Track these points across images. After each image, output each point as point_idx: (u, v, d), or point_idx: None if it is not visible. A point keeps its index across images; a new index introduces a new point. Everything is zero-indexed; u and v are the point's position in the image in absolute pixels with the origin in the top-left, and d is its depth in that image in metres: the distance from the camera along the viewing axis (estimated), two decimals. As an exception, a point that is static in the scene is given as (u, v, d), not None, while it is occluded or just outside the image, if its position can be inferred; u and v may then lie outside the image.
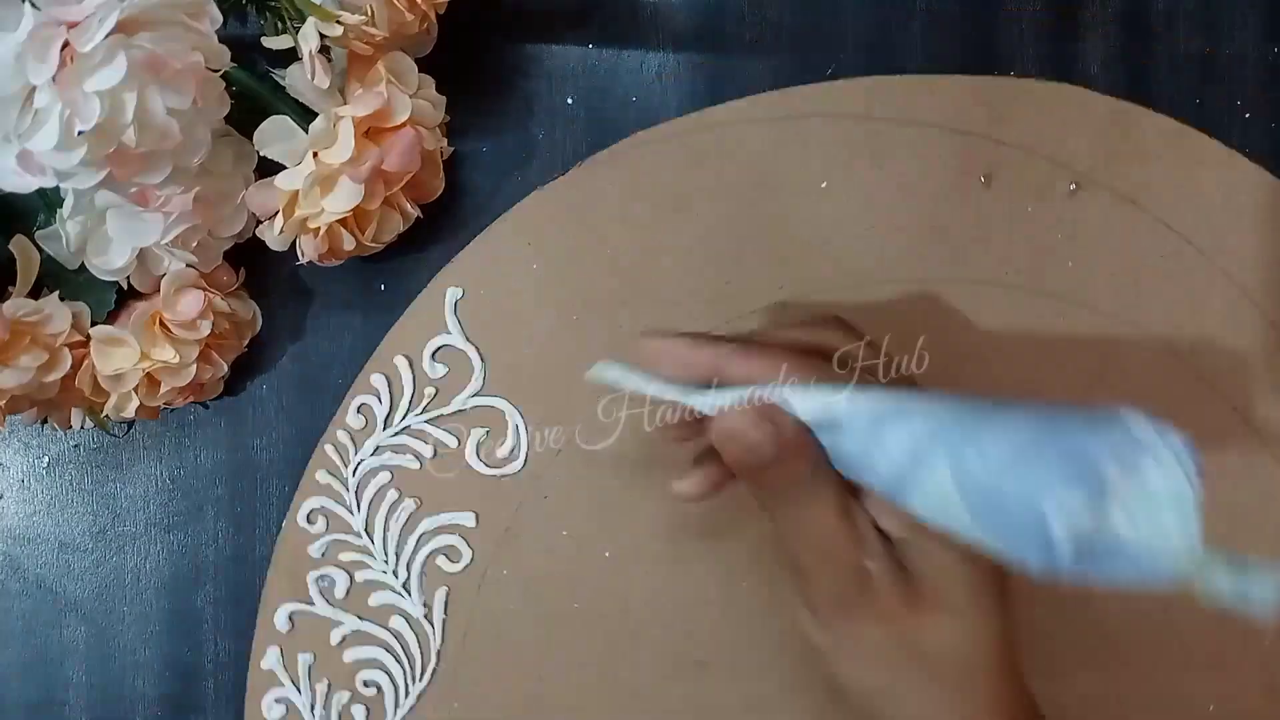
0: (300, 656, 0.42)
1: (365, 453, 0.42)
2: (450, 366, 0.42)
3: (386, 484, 0.42)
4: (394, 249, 0.41)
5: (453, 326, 0.42)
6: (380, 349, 0.42)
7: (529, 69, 0.43)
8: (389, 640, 0.42)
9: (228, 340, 0.40)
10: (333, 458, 0.42)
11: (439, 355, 0.42)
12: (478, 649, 0.42)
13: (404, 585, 0.42)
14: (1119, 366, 0.41)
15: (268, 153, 0.37)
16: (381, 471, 0.42)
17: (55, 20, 0.30)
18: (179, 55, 0.32)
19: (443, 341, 0.42)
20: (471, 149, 0.43)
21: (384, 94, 0.36)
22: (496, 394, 0.42)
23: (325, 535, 0.42)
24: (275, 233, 0.37)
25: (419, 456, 0.42)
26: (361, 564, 0.42)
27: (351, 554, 0.42)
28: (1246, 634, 0.41)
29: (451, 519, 0.42)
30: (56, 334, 0.37)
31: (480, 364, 0.42)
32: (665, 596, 0.42)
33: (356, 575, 0.42)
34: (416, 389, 0.42)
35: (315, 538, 0.42)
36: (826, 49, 0.43)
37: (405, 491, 0.42)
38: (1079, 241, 0.41)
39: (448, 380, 0.42)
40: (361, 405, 0.42)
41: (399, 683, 0.41)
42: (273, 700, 0.42)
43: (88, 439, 0.44)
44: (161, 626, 0.43)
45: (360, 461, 0.42)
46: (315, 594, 0.42)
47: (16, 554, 0.44)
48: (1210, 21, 0.43)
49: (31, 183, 0.31)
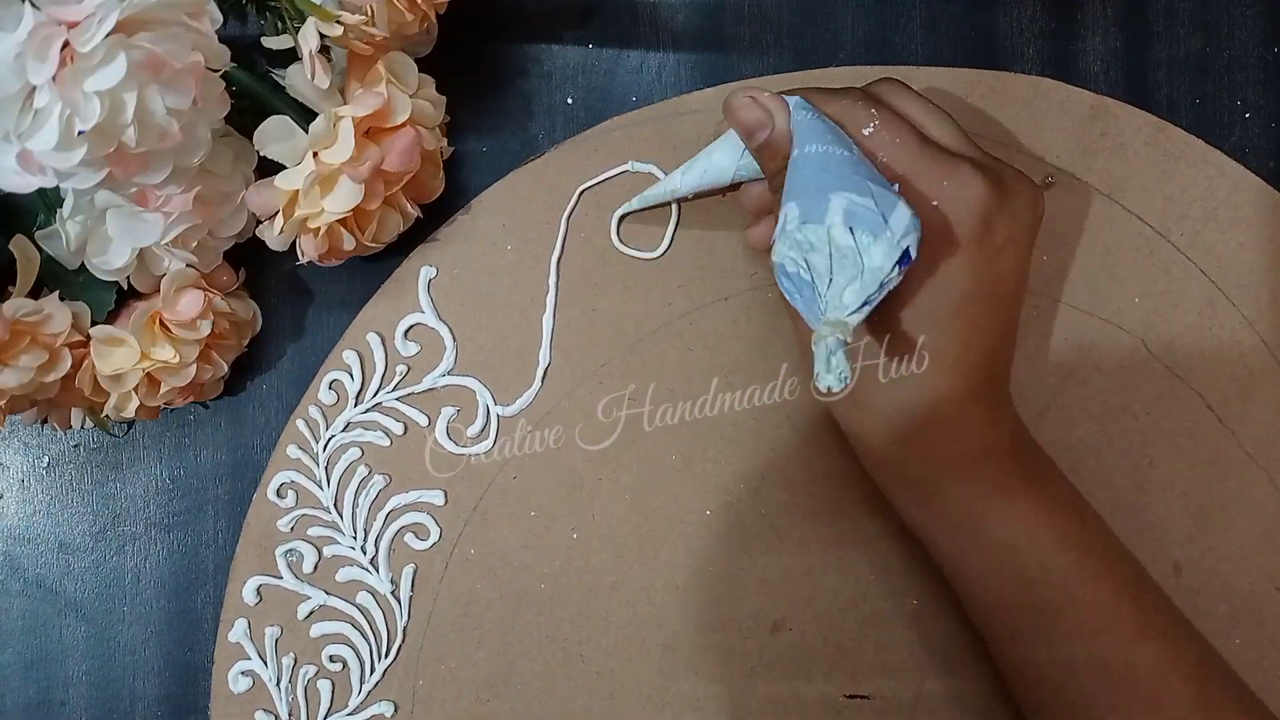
0: (267, 630, 0.42)
1: (336, 429, 0.42)
2: (422, 345, 0.42)
3: (356, 460, 0.42)
4: (394, 249, 0.41)
5: (425, 305, 0.42)
6: (353, 326, 0.42)
7: (529, 69, 0.43)
8: (355, 616, 0.42)
9: (228, 340, 0.40)
10: (304, 433, 0.42)
11: (411, 333, 0.42)
12: (444, 627, 0.42)
13: (371, 562, 0.42)
14: (1092, 361, 0.41)
15: (268, 153, 0.37)
16: (352, 448, 0.42)
17: (55, 20, 0.30)
18: (179, 55, 0.31)
19: (415, 320, 0.42)
20: (471, 149, 0.43)
21: (384, 94, 0.36)
22: (468, 373, 0.42)
23: (294, 510, 0.42)
24: (275, 233, 0.37)
25: (389, 433, 0.42)
26: (330, 539, 0.42)
27: (320, 529, 0.42)
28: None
29: (420, 497, 0.42)
30: (56, 334, 0.37)
31: (452, 343, 0.42)
32: (632, 579, 0.42)
33: (325, 550, 0.42)
34: (389, 366, 0.42)
35: (284, 512, 0.42)
36: (826, 48, 0.43)
37: (375, 468, 0.42)
38: (1054, 235, 0.41)
39: (419, 358, 0.42)
40: (334, 381, 0.42)
41: (365, 658, 0.42)
42: (239, 672, 0.42)
43: (88, 439, 0.44)
44: (161, 626, 0.43)
45: (331, 437, 0.42)
46: (283, 568, 0.42)
47: (16, 554, 0.44)
48: (1210, 21, 0.43)
49: (31, 183, 0.31)
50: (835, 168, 0.33)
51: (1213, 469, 0.41)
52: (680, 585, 0.42)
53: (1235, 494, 0.41)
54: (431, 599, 0.42)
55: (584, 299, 0.42)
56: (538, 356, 0.42)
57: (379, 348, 0.42)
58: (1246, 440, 0.41)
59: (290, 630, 0.42)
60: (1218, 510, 0.41)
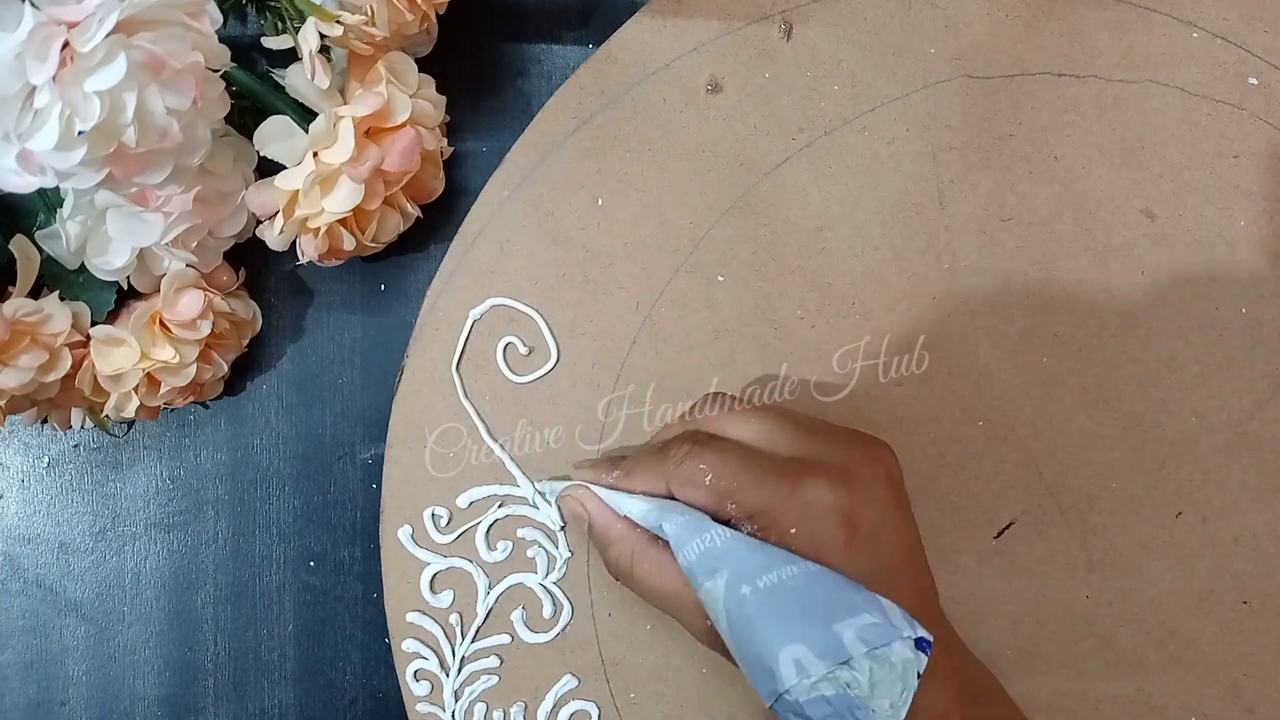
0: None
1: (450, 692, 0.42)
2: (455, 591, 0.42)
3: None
4: (394, 249, 0.41)
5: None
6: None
7: (529, 69, 0.43)
8: None
9: (228, 340, 0.40)
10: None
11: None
12: None
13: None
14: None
15: (268, 153, 0.37)
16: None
17: (55, 20, 0.30)
18: (179, 55, 0.31)
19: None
20: (471, 149, 0.43)
21: (384, 94, 0.36)
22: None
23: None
24: (275, 233, 0.37)
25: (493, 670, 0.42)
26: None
27: None
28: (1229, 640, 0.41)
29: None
30: (56, 334, 0.37)
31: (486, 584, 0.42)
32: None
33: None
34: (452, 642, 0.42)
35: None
36: (826, 49, 0.43)
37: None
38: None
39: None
40: (418, 671, 0.42)
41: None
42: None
43: (88, 439, 0.44)
44: (161, 626, 0.43)
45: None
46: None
47: (16, 554, 0.44)
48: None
49: (31, 183, 0.31)
50: (786, 602, 0.32)
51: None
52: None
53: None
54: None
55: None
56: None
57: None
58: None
59: None
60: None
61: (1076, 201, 0.42)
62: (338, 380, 0.43)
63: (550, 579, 0.42)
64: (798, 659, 0.31)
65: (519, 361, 0.42)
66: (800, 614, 0.32)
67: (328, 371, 0.43)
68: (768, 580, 0.33)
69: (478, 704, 0.42)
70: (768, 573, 0.33)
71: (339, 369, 0.43)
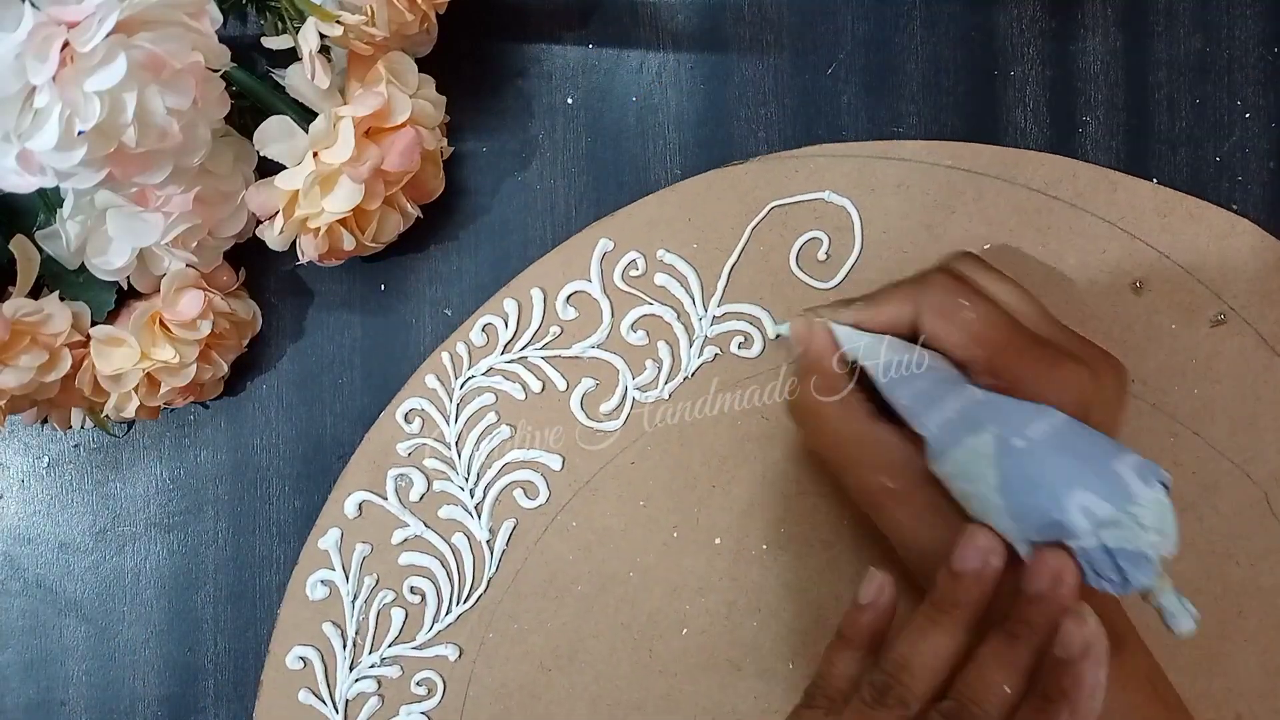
0: (358, 546, 0.42)
1: (478, 370, 0.42)
2: (581, 312, 0.42)
3: (489, 405, 0.42)
4: (394, 249, 0.41)
5: (595, 275, 0.42)
6: (521, 276, 0.43)
7: (529, 69, 0.43)
8: (446, 554, 0.42)
9: (228, 340, 0.40)
10: (446, 366, 0.42)
11: (574, 299, 0.42)
12: (527, 588, 0.42)
13: (476, 507, 0.42)
14: (1212, 502, 0.41)
15: (268, 153, 0.37)
16: (487, 393, 0.42)
17: (55, 20, 0.30)
18: (179, 55, 0.31)
19: (581, 287, 0.42)
20: (471, 149, 0.43)
21: (384, 94, 0.36)
22: (616, 351, 0.42)
23: (417, 438, 0.42)
24: (275, 233, 0.37)
25: (526, 388, 0.42)
26: (442, 474, 0.42)
27: (436, 462, 0.42)
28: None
29: (539, 457, 0.42)
30: (56, 334, 0.37)
31: (609, 318, 0.42)
32: (717, 590, 0.42)
33: (435, 484, 0.42)
34: (544, 324, 0.42)
35: (407, 437, 0.42)
36: (826, 48, 0.43)
37: (503, 418, 0.42)
38: (1209, 371, 0.41)
39: (575, 324, 0.42)
40: (487, 325, 0.42)
41: (444, 597, 0.42)
42: (319, 580, 0.42)
43: (88, 439, 0.44)
44: (161, 626, 0.43)
45: (470, 377, 0.42)
46: (391, 491, 0.42)
47: (16, 554, 0.44)
48: (1210, 21, 0.43)
49: (31, 183, 0.31)
50: (1062, 450, 0.32)
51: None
52: (763, 609, 0.42)
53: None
54: (522, 558, 0.42)
55: (747, 298, 0.42)
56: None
57: (540, 303, 0.42)
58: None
59: (379, 552, 0.42)
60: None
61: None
62: (338, 380, 0.43)
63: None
64: (1085, 506, 0.31)
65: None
66: (1076, 460, 0.32)
67: (328, 371, 0.43)
68: (1039, 430, 0.33)
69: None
70: (1035, 423, 0.33)
71: (339, 369, 0.43)
